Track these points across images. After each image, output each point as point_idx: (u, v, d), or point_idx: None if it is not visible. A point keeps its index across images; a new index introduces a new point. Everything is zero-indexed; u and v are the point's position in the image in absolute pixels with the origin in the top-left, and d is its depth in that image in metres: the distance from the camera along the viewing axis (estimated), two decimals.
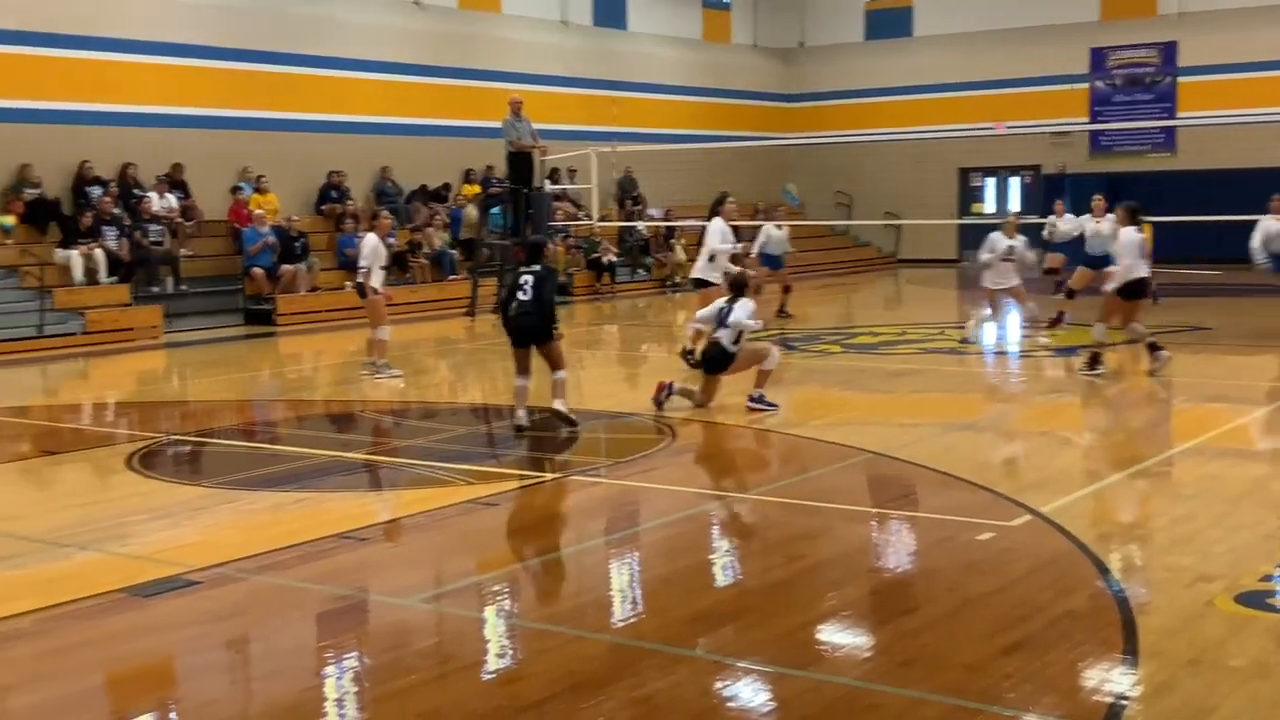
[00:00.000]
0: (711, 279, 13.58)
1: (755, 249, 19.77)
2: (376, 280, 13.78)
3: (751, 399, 11.16)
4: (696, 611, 6.02)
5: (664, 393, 11.26)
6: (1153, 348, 12.93)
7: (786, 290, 19.88)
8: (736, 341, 11.25)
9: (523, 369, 10.66)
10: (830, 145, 31.68)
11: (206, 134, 21.82)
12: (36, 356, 16.92)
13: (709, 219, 14.17)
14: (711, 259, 13.71)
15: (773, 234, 20.01)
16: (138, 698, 5.27)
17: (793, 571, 6.66)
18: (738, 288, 11.66)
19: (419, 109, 25.27)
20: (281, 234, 20.90)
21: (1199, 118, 28.55)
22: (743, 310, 11.24)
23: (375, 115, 24.47)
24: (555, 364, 10.59)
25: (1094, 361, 13.04)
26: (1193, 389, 12.72)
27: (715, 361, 11.34)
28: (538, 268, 10.55)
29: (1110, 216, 17.62)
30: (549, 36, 28.56)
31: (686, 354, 13.39)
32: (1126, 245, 12.79)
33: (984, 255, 16.69)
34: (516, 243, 21.53)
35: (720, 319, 11.34)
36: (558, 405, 10.49)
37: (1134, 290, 12.83)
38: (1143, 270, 12.87)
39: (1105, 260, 16.88)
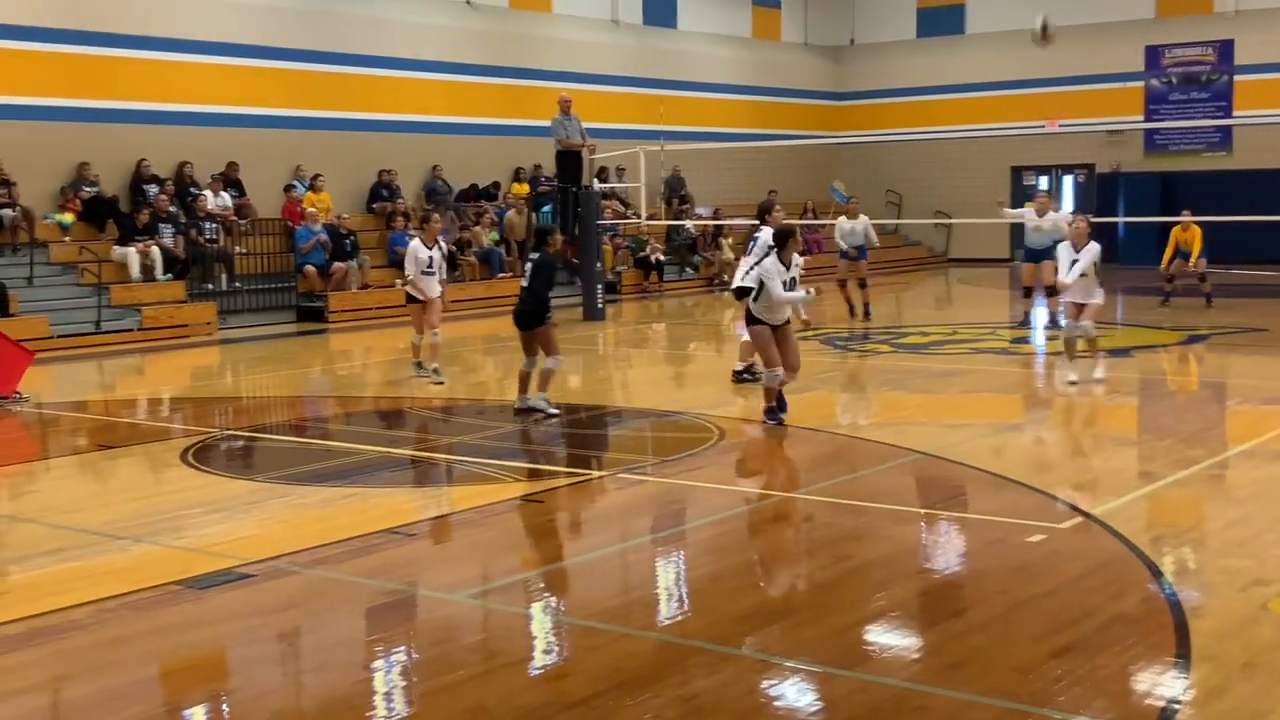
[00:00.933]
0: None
1: (840, 243, 19.61)
2: (426, 285, 13.64)
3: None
4: (743, 610, 6.02)
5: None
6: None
7: (862, 285, 19.50)
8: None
9: (528, 352, 11.24)
10: (880, 144, 31.52)
11: (261, 133, 22.05)
12: (94, 352, 17.16)
13: (759, 223, 13.67)
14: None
15: (843, 226, 19.74)
16: (192, 689, 5.34)
17: (840, 572, 6.64)
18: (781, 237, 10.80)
19: (470, 108, 25.40)
20: (333, 232, 21.07)
21: (1256, 116, 28.15)
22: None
23: (426, 114, 24.62)
24: (546, 350, 11.10)
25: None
26: (1248, 390, 12.56)
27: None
28: (536, 255, 11.12)
29: (1054, 214, 17.55)
30: (599, 35, 28.61)
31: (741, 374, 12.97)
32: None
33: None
34: (567, 240, 21.64)
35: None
36: (537, 398, 11.05)
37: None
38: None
39: (1046, 254, 16.82)
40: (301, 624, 6.07)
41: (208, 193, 20.63)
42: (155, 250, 19.16)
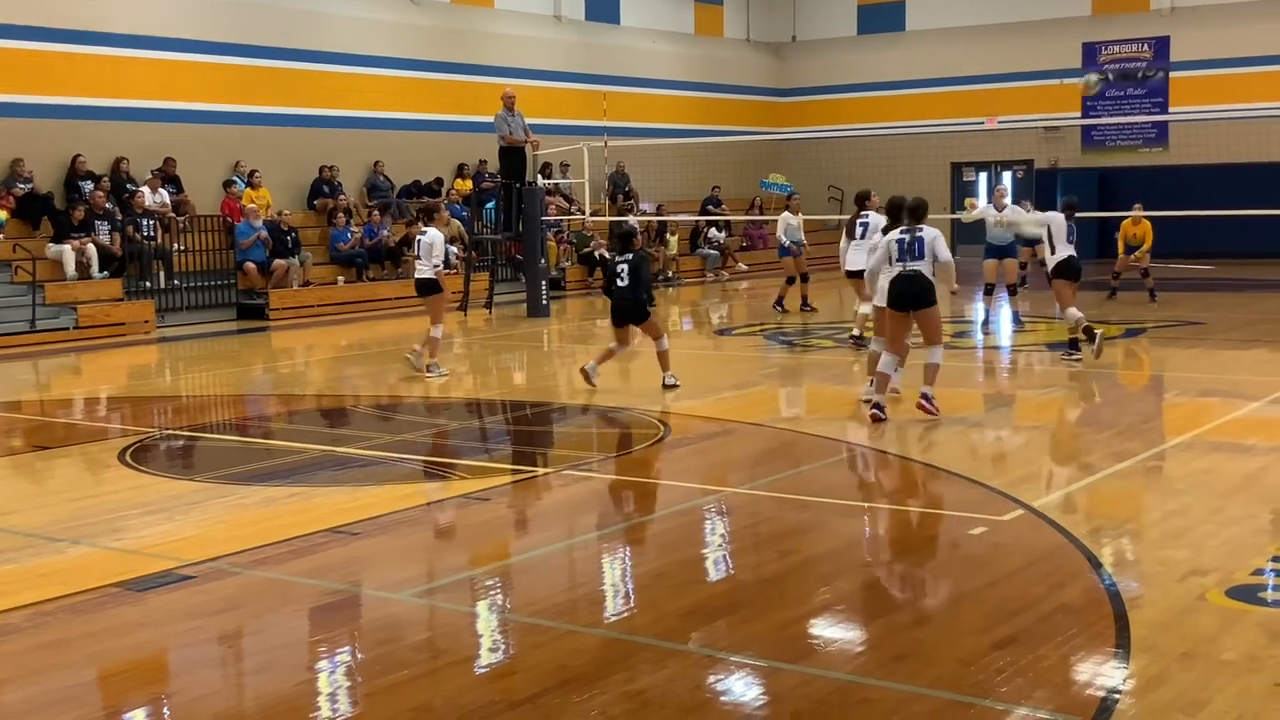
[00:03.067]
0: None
1: (782, 238, 19.58)
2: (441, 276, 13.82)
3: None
4: (689, 606, 6.03)
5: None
6: (1088, 332, 13.35)
7: (804, 279, 19.59)
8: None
9: (620, 341, 12.56)
10: (822, 140, 31.68)
11: (199, 129, 21.79)
12: (28, 351, 16.89)
13: (860, 209, 14.79)
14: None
15: (790, 221, 19.75)
16: (131, 692, 5.27)
17: (785, 566, 6.66)
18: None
19: (412, 104, 25.25)
20: (273, 228, 20.87)
21: (1191, 113, 28.60)
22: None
23: (368, 110, 24.44)
24: (652, 335, 12.32)
25: (1075, 345, 13.48)
26: (1186, 383, 12.75)
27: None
28: (631, 256, 12.15)
29: (1013, 206, 17.85)
30: (542, 31, 28.54)
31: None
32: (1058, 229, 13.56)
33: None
34: (509, 237, 21.58)
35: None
36: (665, 379, 12.12)
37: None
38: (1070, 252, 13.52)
39: (1008, 251, 17.09)
40: (243, 625, 6.01)
41: (145, 189, 20.35)
42: (91, 248, 18.88)
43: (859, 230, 14.41)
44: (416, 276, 13.87)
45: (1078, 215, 13.86)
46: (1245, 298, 20.43)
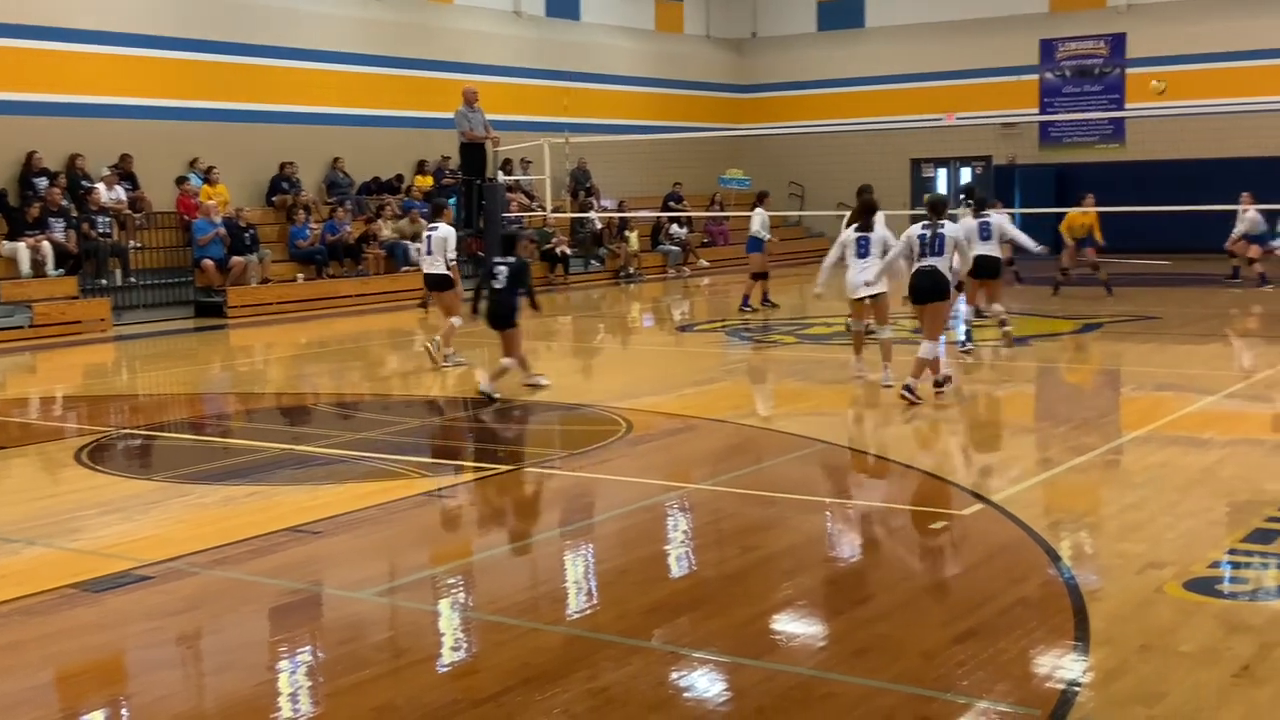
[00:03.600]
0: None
1: (764, 234, 19.42)
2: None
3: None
4: (652, 603, 6.03)
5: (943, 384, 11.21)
6: (1002, 323, 14.10)
7: (765, 276, 19.52)
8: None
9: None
10: (783, 135, 31.78)
11: (156, 125, 21.59)
12: None
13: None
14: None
15: (765, 216, 19.53)
16: (89, 694, 5.21)
17: (748, 562, 6.68)
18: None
19: (371, 99, 25.11)
20: (231, 225, 20.71)
21: (1147, 109, 28.85)
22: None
23: (327, 106, 24.29)
24: (507, 350, 11.56)
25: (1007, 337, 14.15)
26: (1142, 378, 12.87)
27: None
28: (512, 260, 11.51)
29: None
30: (502, 27, 28.46)
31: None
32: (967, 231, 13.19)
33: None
34: (469, 234, 21.50)
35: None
36: (484, 384, 11.52)
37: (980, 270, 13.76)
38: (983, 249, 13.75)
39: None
40: (203, 625, 5.96)
41: (101, 186, 20.14)
42: (46, 245, 18.67)
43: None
44: (429, 271, 14.12)
45: (1041, 210, 14.23)
46: (1201, 292, 20.63)
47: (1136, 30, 29.97)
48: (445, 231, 13.90)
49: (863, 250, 11.97)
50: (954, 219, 12.13)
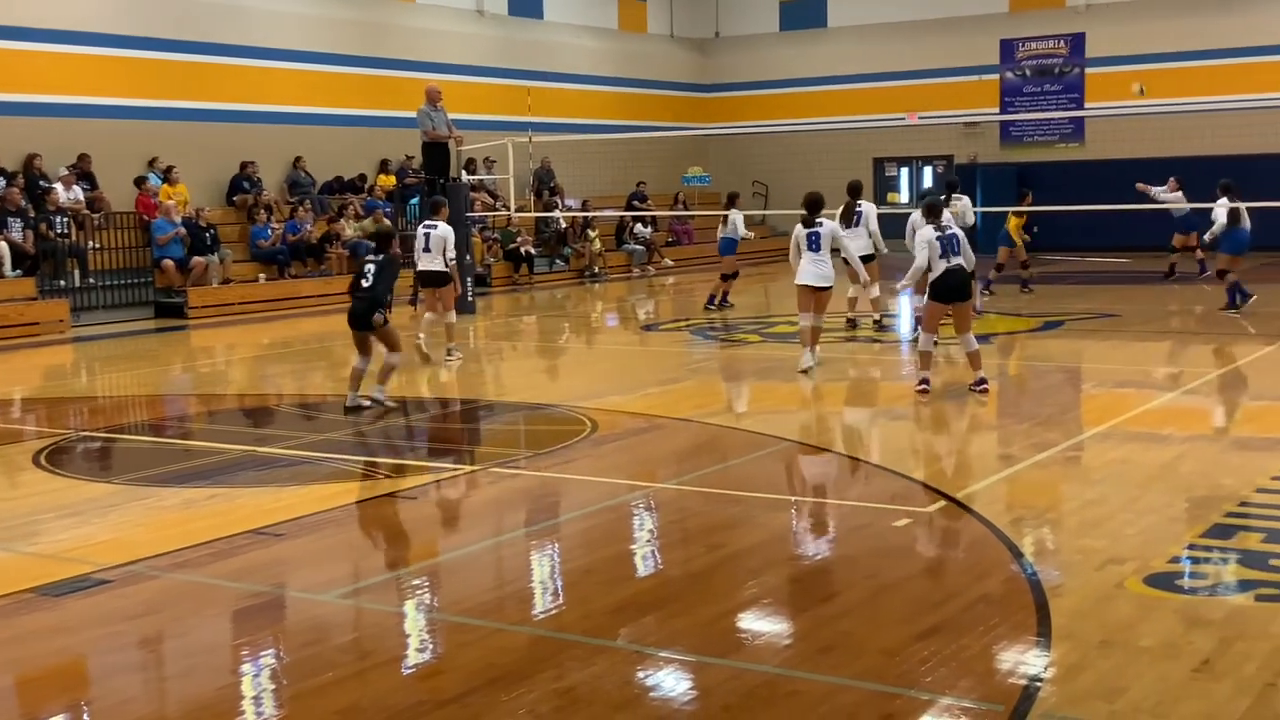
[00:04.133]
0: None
1: (746, 233, 19.34)
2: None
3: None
4: (617, 602, 6.03)
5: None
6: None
7: (734, 276, 19.41)
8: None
9: (361, 351, 11.21)
10: (746, 135, 31.84)
11: (115, 124, 21.39)
12: None
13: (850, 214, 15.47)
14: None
15: (738, 217, 19.33)
16: (49, 699, 5.16)
17: (713, 560, 6.69)
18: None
19: (333, 99, 24.98)
20: (191, 225, 20.56)
21: (1106, 108, 29.12)
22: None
23: (288, 105, 24.14)
24: (390, 347, 11.19)
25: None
26: (1102, 375, 12.97)
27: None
28: (380, 257, 11.17)
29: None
30: (464, 26, 28.38)
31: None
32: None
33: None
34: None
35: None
36: (375, 389, 11.11)
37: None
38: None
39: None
40: (164, 629, 5.91)
41: (59, 186, 19.93)
42: (3, 246, 18.46)
43: (856, 219, 15.55)
44: (428, 269, 14.12)
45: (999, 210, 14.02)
46: (1159, 290, 20.80)
47: (1095, 30, 30.21)
48: (444, 230, 14.02)
49: (813, 244, 12.41)
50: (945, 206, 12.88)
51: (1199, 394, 11.57)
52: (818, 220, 12.50)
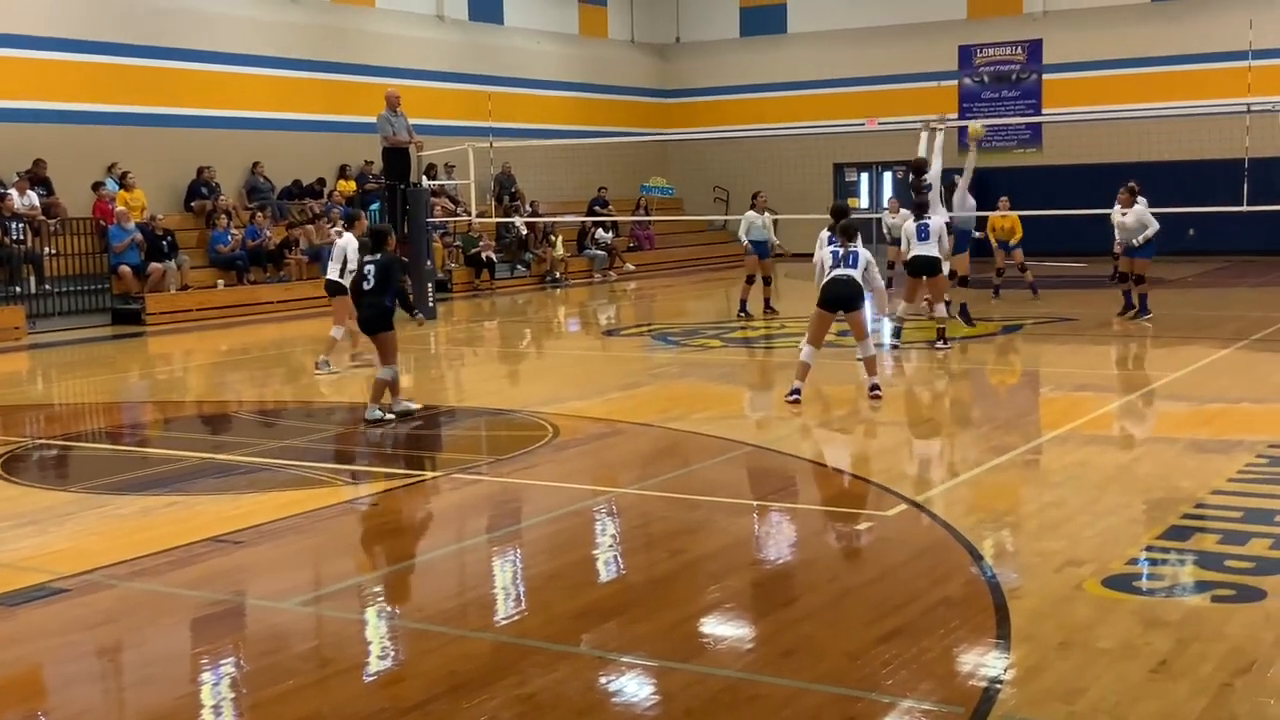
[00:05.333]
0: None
1: (742, 236, 18.78)
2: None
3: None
4: (579, 608, 6.02)
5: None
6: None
7: (766, 282, 18.91)
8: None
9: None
10: (707, 141, 31.89)
11: (70, 129, 21.17)
12: None
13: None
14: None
15: (755, 220, 18.82)
16: (5, 710, 5.10)
17: (675, 565, 6.69)
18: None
19: (291, 103, 24.83)
20: (147, 231, 20.39)
21: (1063, 114, 29.38)
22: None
23: (246, 110, 23.97)
24: (382, 358, 10.86)
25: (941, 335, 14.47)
26: (1061, 378, 13.08)
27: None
28: (378, 257, 10.90)
29: (903, 211, 18.44)
30: (424, 31, 28.29)
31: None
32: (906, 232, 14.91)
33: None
34: (396, 240, 21.31)
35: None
36: (397, 405, 10.90)
37: (915, 267, 14.53)
38: (920, 250, 14.41)
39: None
40: (122, 638, 5.85)
41: (13, 192, 19.69)
42: None
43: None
44: (326, 277, 14.02)
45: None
46: (1117, 294, 20.98)
47: (1053, 36, 30.48)
48: (345, 241, 13.74)
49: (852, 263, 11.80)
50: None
51: (1156, 397, 11.69)
52: (852, 245, 11.57)
